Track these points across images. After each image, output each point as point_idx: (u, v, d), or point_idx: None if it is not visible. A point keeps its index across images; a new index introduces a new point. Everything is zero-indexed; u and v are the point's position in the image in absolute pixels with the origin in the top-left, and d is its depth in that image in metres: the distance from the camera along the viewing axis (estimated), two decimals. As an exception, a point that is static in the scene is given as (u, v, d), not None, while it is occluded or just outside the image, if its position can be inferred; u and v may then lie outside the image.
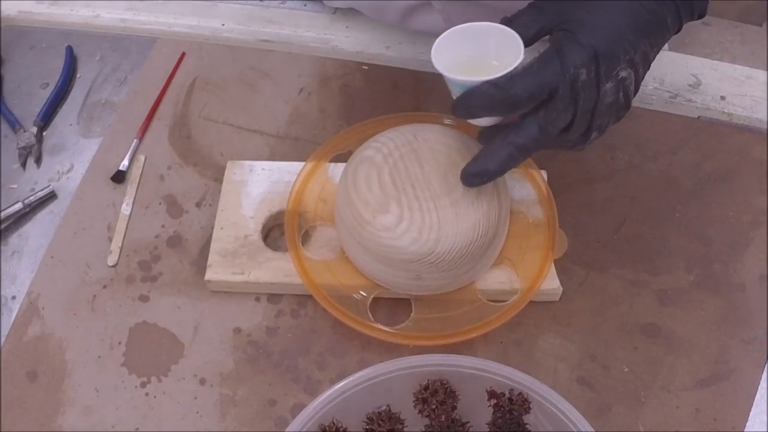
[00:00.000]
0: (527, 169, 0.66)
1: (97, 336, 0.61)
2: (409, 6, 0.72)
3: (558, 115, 0.50)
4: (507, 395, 0.49)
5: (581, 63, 0.48)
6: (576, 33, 0.48)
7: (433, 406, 0.48)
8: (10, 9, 0.83)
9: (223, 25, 0.81)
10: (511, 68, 0.49)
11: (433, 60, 0.51)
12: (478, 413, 0.50)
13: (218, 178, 0.68)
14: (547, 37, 0.52)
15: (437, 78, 0.75)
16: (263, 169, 0.67)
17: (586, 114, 0.50)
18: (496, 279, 0.61)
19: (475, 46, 0.53)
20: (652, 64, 0.52)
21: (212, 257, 0.62)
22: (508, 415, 0.48)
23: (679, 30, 0.53)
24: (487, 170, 0.52)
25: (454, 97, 0.52)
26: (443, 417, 0.49)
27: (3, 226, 0.67)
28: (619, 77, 0.49)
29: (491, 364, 0.50)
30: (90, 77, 0.78)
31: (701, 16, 0.54)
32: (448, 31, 0.53)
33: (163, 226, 0.67)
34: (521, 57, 0.50)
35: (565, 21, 0.50)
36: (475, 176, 0.53)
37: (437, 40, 0.52)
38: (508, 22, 0.52)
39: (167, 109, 0.75)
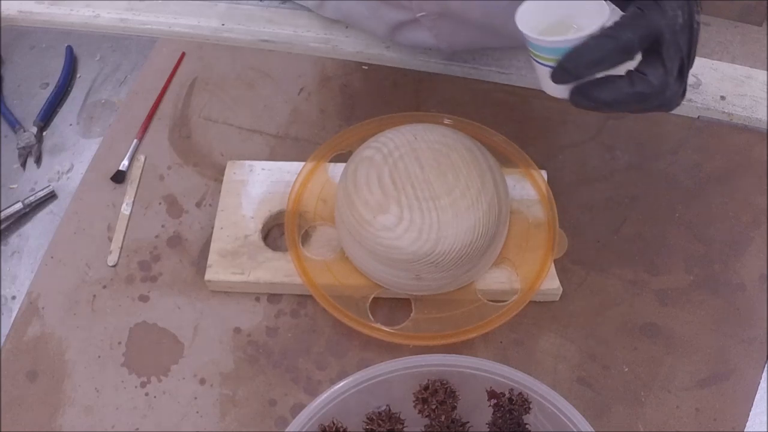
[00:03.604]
0: (527, 169, 0.66)
1: (97, 336, 0.61)
2: (398, 21, 0.72)
3: (672, 64, 0.48)
4: (507, 395, 0.49)
5: (677, 6, 0.48)
6: None
7: (433, 406, 0.48)
8: (10, 9, 0.83)
9: (223, 25, 0.81)
10: (602, 23, 0.48)
11: (522, 29, 0.50)
12: (478, 413, 0.50)
13: (218, 178, 0.68)
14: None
15: (437, 78, 0.76)
16: (263, 169, 0.67)
17: (688, 59, 0.49)
18: (496, 279, 0.61)
19: (553, 13, 0.52)
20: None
21: (212, 257, 0.62)
22: (508, 415, 0.48)
23: None
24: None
25: (541, 68, 0.51)
26: (443, 417, 0.48)
27: (3, 226, 0.67)
28: (696, 22, 0.49)
29: (491, 364, 0.50)
30: (90, 77, 0.78)
31: None
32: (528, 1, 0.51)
33: (163, 226, 0.67)
34: (607, 12, 0.49)
35: None
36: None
37: (519, 10, 0.51)
38: None
39: (167, 109, 0.75)
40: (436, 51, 0.76)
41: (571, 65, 0.49)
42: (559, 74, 0.50)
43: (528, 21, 0.51)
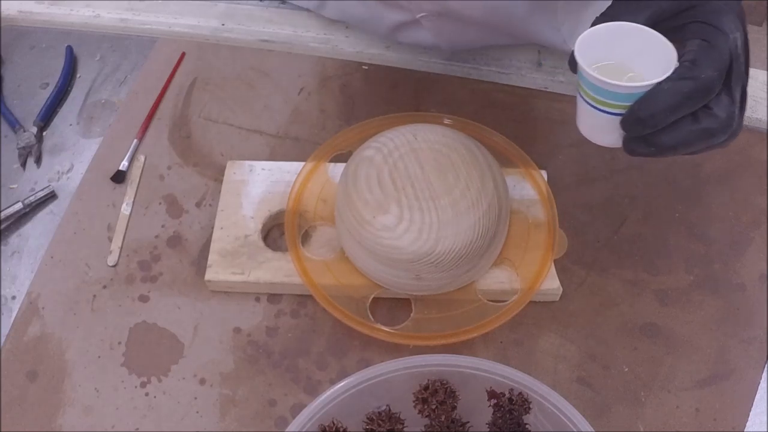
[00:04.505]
0: (527, 169, 0.66)
1: (97, 336, 0.61)
2: (399, 22, 0.72)
3: (737, 92, 0.45)
4: (507, 395, 0.49)
5: (735, 27, 0.44)
6: (711, 2, 0.45)
7: (433, 406, 0.48)
8: (10, 9, 0.83)
9: (223, 25, 0.81)
10: (673, 67, 0.44)
11: (587, 69, 0.45)
12: (478, 413, 0.50)
13: (218, 178, 0.68)
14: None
15: (437, 78, 0.76)
16: (263, 169, 0.67)
17: (747, 81, 0.46)
18: (496, 279, 0.61)
19: (608, 53, 0.47)
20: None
21: (212, 257, 0.62)
22: (508, 415, 0.48)
23: None
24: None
25: (594, 113, 0.46)
26: (443, 417, 0.48)
27: (3, 226, 0.67)
28: (748, 40, 0.46)
29: (491, 364, 0.50)
30: (90, 77, 0.78)
31: None
32: (586, 33, 0.46)
33: (163, 226, 0.67)
34: (674, 54, 0.45)
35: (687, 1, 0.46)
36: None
37: (577, 46, 0.46)
38: (614, 15, 0.46)
39: (167, 109, 0.75)
40: (436, 51, 0.76)
41: (645, 113, 0.43)
42: (631, 123, 0.44)
43: (583, 58, 0.45)
